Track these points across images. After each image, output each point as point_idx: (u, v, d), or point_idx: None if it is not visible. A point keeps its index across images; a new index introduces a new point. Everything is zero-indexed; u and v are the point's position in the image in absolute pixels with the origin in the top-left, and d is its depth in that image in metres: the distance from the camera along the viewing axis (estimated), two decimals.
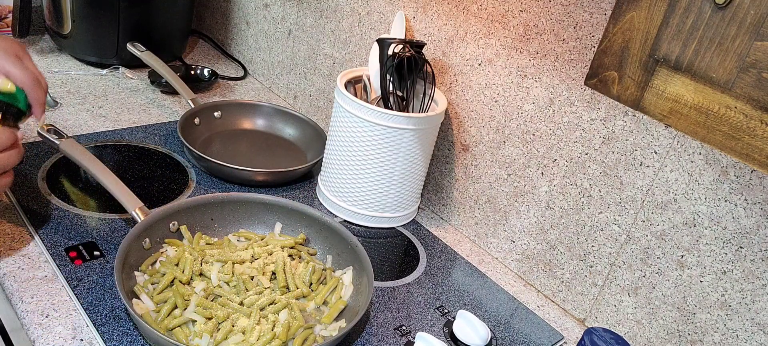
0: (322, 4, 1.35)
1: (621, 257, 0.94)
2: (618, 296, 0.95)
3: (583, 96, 0.94)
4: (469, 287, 1.03)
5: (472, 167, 1.12)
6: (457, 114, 1.12)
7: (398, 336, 0.90)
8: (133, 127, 1.24)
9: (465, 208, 1.15)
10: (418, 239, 1.12)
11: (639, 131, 0.89)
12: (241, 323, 0.82)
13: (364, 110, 1.02)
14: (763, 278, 0.80)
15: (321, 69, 1.39)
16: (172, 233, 0.94)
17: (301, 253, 0.96)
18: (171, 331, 0.80)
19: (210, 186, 1.13)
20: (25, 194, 0.99)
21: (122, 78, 1.44)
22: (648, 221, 0.90)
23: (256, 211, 1.00)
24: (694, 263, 0.86)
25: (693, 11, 0.60)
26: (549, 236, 1.03)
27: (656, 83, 0.65)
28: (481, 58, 1.06)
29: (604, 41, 0.68)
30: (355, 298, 0.91)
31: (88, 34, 1.41)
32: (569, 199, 0.99)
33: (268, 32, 1.52)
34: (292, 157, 1.28)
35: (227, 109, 1.32)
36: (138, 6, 1.41)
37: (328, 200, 1.13)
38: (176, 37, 1.54)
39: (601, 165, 0.94)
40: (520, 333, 0.96)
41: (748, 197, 0.80)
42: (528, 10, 0.98)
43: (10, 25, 1.44)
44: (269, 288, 0.89)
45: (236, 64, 1.65)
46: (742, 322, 0.83)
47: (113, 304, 0.83)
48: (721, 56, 0.59)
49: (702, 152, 0.83)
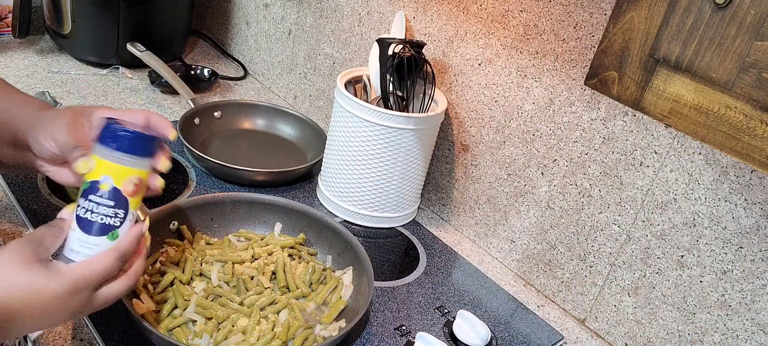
0: (322, 4, 1.35)
1: (621, 257, 0.94)
2: (618, 296, 0.95)
3: (583, 96, 0.94)
4: (469, 287, 1.03)
5: (472, 167, 1.12)
6: (457, 114, 1.12)
7: (398, 336, 0.90)
8: None
9: (465, 208, 1.15)
10: (418, 239, 1.12)
11: (639, 131, 0.89)
12: (241, 323, 0.82)
13: (364, 110, 1.02)
14: (763, 278, 0.80)
15: (321, 69, 1.39)
16: (172, 233, 0.94)
17: (301, 253, 0.96)
18: (171, 331, 0.80)
19: (210, 186, 1.13)
20: (25, 194, 0.99)
21: (122, 78, 1.44)
22: (648, 221, 0.90)
23: (256, 211, 1.00)
24: (694, 263, 0.86)
25: (693, 11, 0.60)
26: (549, 236, 1.03)
27: (656, 83, 0.65)
28: (481, 58, 1.06)
29: (604, 41, 0.68)
30: (355, 298, 0.91)
31: (88, 34, 1.41)
32: (569, 199, 0.99)
33: (268, 32, 1.52)
34: (292, 157, 1.28)
35: (227, 109, 1.32)
36: (138, 6, 1.41)
37: (328, 200, 1.13)
38: (176, 37, 1.54)
39: (601, 165, 0.94)
40: (520, 333, 0.96)
41: (748, 197, 0.80)
42: (528, 10, 0.98)
43: (10, 25, 1.44)
44: (269, 288, 0.89)
45: (236, 64, 1.65)
46: (742, 322, 0.83)
47: (113, 304, 0.83)
48: (721, 56, 0.59)
49: (702, 152, 0.83)
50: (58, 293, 0.61)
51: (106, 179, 0.68)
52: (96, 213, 0.67)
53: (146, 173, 0.71)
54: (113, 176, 0.68)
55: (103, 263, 0.65)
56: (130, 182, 0.68)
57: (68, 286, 0.62)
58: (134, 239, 0.68)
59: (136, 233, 0.69)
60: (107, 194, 0.68)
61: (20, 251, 0.61)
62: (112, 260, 0.66)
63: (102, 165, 0.68)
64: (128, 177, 0.68)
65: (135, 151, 0.68)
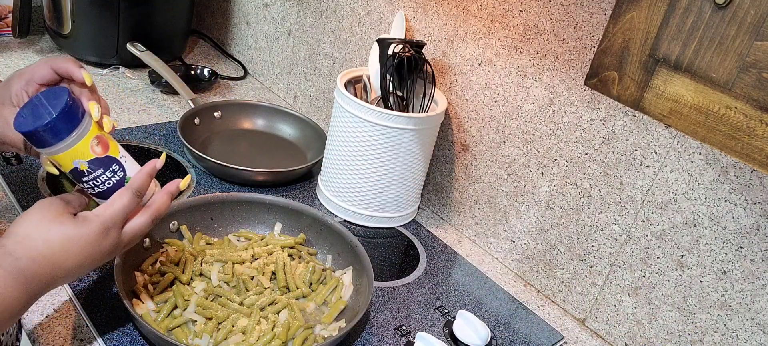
0: (322, 4, 1.35)
1: (621, 257, 0.94)
2: (618, 296, 0.95)
3: (583, 96, 0.94)
4: (469, 287, 1.03)
5: (472, 167, 1.12)
6: (457, 114, 1.12)
7: (398, 336, 0.90)
8: (133, 128, 1.24)
9: (465, 208, 1.15)
10: (418, 239, 1.12)
11: (639, 131, 0.89)
12: (241, 323, 0.82)
13: (364, 110, 1.02)
14: (763, 278, 0.80)
15: (321, 69, 1.39)
16: (172, 233, 0.94)
17: (301, 253, 0.96)
18: (171, 331, 0.80)
19: (210, 186, 1.13)
20: (25, 194, 0.99)
21: (122, 78, 1.44)
22: (648, 221, 0.90)
23: (256, 211, 1.00)
24: (694, 263, 0.86)
25: (693, 11, 0.60)
26: (549, 236, 1.03)
27: (656, 83, 0.65)
28: (481, 58, 1.06)
29: (604, 41, 0.68)
30: (355, 298, 0.91)
31: (88, 34, 1.41)
32: (569, 199, 0.99)
33: (268, 32, 1.52)
34: (292, 157, 1.28)
35: (227, 109, 1.32)
36: (138, 6, 1.41)
37: (328, 200, 1.13)
38: (176, 37, 1.54)
39: (601, 165, 0.94)
40: (520, 333, 0.96)
41: (748, 197, 0.80)
42: (528, 10, 0.98)
43: (10, 24, 1.44)
44: (269, 288, 0.89)
45: (236, 64, 1.65)
46: (742, 322, 0.83)
47: (113, 304, 0.83)
48: (721, 56, 0.59)
49: (702, 152, 0.83)
50: (90, 237, 0.67)
51: (77, 162, 0.70)
52: (99, 186, 0.72)
53: (95, 126, 0.71)
54: (78, 157, 0.70)
55: (121, 201, 0.70)
56: (93, 146, 0.70)
57: (98, 228, 0.68)
58: (145, 174, 0.73)
59: (146, 170, 0.73)
60: (90, 170, 0.71)
61: (49, 206, 0.68)
62: (129, 196, 0.71)
63: (62, 158, 0.70)
64: (88, 146, 0.70)
65: (68, 130, 0.68)
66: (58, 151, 0.69)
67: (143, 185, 0.72)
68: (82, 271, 0.68)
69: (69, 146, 0.69)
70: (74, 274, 0.68)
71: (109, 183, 0.72)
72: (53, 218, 0.66)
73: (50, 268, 0.65)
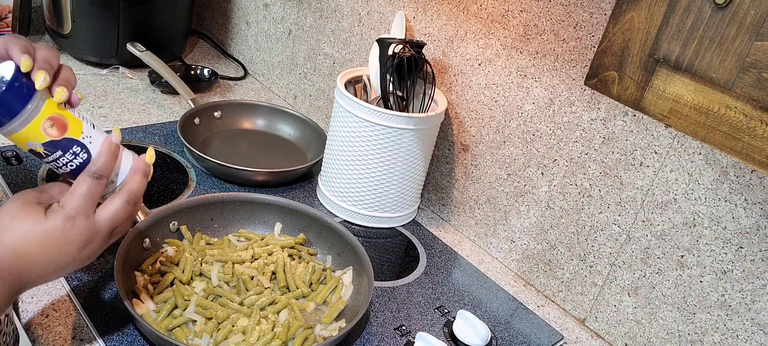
0: (322, 4, 1.35)
1: (621, 257, 0.94)
2: (618, 296, 0.95)
3: (583, 96, 0.94)
4: (469, 287, 1.03)
5: (472, 167, 1.12)
6: (457, 114, 1.12)
7: (398, 336, 0.90)
8: (133, 127, 1.24)
9: (465, 208, 1.15)
10: (418, 239, 1.12)
11: (639, 131, 0.89)
12: (241, 323, 0.82)
13: (364, 110, 1.02)
14: (763, 278, 0.80)
15: (321, 69, 1.39)
16: (172, 233, 0.94)
17: (301, 253, 0.96)
18: (171, 331, 0.80)
19: (210, 186, 1.13)
20: None
21: (122, 78, 1.44)
22: (648, 221, 0.90)
23: (256, 211, 1.00)
24: (694, 263, 0.86)
25: (693, 11, 0.60)
26: (549, 236, 1.03)
27: (656, 83, 0.65)
28: (481, 58, 1.06)
29: (604, 41, 0.68)
30: (355, 298, 0.91)
31: (88, 34, 1.41)
32: (569, 199, 0.99)
33: (268, 32, 1.52)
34: (292, 157, 1.28)
35: (227, 109, 1.32)
36: (138, 6, 1.41)
37: (328, 200, 1.13)
38: (176, 37, 1.54)
39: (601, 165, 0.94)
40: (520, 333, 0.96)
41: (748, 197, 0.80)
42: (528, 10, 0.98)
43: (10, 24, 1.44)
44: (269, 288, 0.89)
45: (236, 64, 1.65)
46: (742, 322, 0.83)
47: (113, 304, 0.83)
48: (721, 56, 0.59)
49: (702, 152, 0.83)
50: (55, 228, 0.63)
51: (30, 144, 0.65)
52: (62, 168, 0.67)
53: (51, 105, 0.65)
54: (30, 139, 0.65)
55: (80, 188, 0.65)
56: (46, 128, 0.65)
57: (61, 218, 0.63)
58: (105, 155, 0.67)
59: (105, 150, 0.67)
60: (47, 152, 0.66)
61: (19, 198, 0.65)
62: (87, 181, 0.65)
63: (16, 139, 0.65)
64: (39, 128, 0.64)
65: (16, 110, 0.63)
66: (10, 132, 0.64)
67: (104, 167, 0.66)
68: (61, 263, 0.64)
69: (19, 127, 0.63)
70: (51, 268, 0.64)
71: (71, 166, 0.67)
72: (19, 207, 0.63)
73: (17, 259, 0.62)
